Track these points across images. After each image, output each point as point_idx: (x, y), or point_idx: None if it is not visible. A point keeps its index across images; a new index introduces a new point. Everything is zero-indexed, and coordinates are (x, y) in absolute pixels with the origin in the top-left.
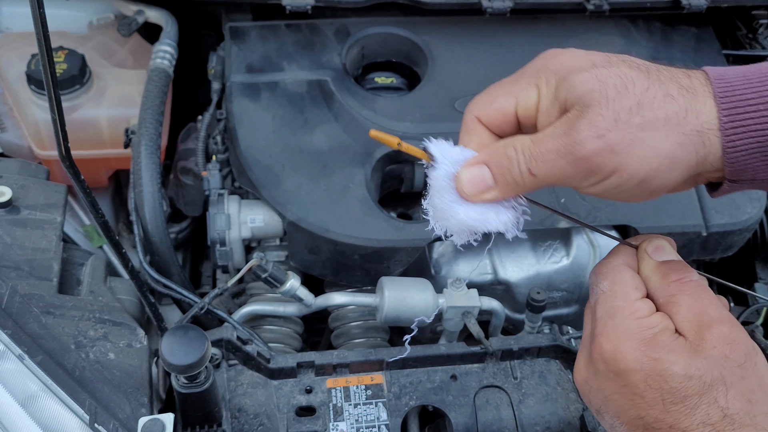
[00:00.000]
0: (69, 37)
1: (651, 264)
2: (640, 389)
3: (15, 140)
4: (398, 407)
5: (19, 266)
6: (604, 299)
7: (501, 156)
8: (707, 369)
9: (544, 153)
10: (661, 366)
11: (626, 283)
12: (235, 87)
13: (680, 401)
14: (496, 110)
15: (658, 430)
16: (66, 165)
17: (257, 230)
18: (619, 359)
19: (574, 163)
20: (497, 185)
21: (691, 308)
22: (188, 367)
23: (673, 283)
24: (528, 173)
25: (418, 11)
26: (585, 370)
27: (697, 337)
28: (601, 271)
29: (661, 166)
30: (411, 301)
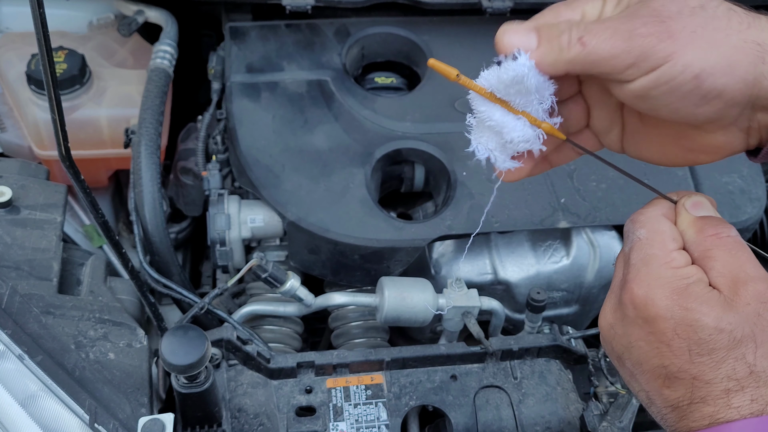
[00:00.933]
0: (69, 37)
1: (688, 218)
2: (667, 337)
3: (15, 140)
4: (398, 407)
5: (19, 266)
6: (640, 246)
7: (552, 24)
8: (738, 324)
9: (601, 26)
10: (693, 316)
11: (663, 233)
12: (235, 87)
13: (707, 353)
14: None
15: (681, 380)
16: (66, 165)
17: (257, 230)
18: (650, 305)
19: (630, 40)
20: (540, 45)
21: (726, 263)
22: (188, 367)
23: (709, 238)
24: (577, 41)
25: (418, 11)
26: (612, 315)
27: (731, 292)
28: (638, 219)
29: (718, 65)
30: (411, 301)
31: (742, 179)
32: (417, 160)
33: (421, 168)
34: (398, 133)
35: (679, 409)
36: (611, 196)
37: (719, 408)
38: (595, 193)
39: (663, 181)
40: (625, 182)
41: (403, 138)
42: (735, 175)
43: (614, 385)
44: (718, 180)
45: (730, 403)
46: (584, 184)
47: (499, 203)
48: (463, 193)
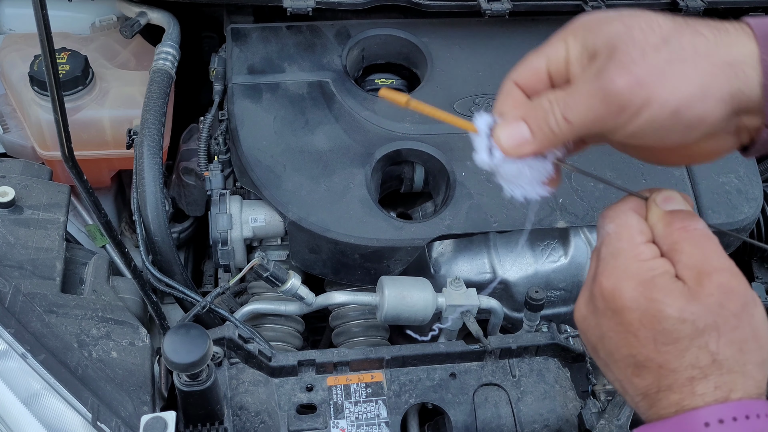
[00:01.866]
0: (72, 38)
1: (658, 212)
2: (634, 328)
3: (18, 141)
4: (398, 405)
5: (23, 265)
6: (609, 241)
7: (536, 108)
8: (701, 314)
9: (577, 98)
10: (657, 307)
11: (631, 227)
12: (237, 88)
13: (671, 343)
14: (529, 70)
15: (648, 369)
16: (69, 165)
17: (258, 230)
18: (617, 297)
19: (606, 101)
20: (535, 137)
21: (692, 255)
22: (190, 366)
23: (677, 231)
24: (563, 120)
25: (418, 13)
26: (584, 307)
27: (695, 284)
28: (608, 214)
29: (693, 96)
30: (411, 300)
31: (738, 179)
32: (417, 161)
33: (420, 168)
34: (398, 134)
35: (648, 396)
36: (608, 196)
37: (685, 395)
38: (593, 194)
39: (661, 181)
40: (622, 182)
41: (402, 139)
42: (732, 175)
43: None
44: (715, 180)
45: (695, 391)
46: (582, 184)
47: (498, 203)
48: (462, 193)
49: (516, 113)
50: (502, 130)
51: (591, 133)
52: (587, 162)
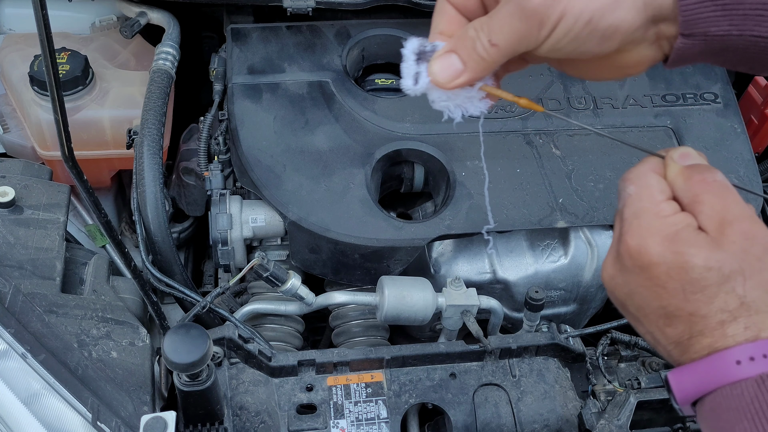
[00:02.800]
0: (72, 38)
1: (676, 168)
2: (662, 281)
3: (18, 141)
4: (398, 405)
5: (23, 265)
6: (631, 202)
7: (464, 38)
8: (726, 261)
9: (499, 21)
10: (683, 258)
11: (651, 186)
12: (237, 88)
13: (700, 290)
14: None
15: (679, 318)
16: (69, 165)
17: (258, 230)
18: (643, 254)
19: (525, 18)
20: (467, 67)
21: (713, 206)
22: (190, 366)
23: (696, 183)
24: (490, 45)
25: (418, 13)
26: (612, 267)
27: (718, 233)
28: (628, 177)
29: (605, 5)
30: (411, 300)
31: (738, 179)
32: (417, 161)
33: (420, 168)
34: (398, 134)
35: (681, 344)
36: (609, 196)
37: (716, 338)
38: (593, 194)
39: None
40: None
41: (402, 139)
42: (732, 175)
43: (612, 384)
44: None
45: (726, 333)
46: (582, 184)
47: (498, 203)
48: (462, 193)
49: (446, 46)
50: (435, 63)
51: (517, 53)
52: (587, 161)
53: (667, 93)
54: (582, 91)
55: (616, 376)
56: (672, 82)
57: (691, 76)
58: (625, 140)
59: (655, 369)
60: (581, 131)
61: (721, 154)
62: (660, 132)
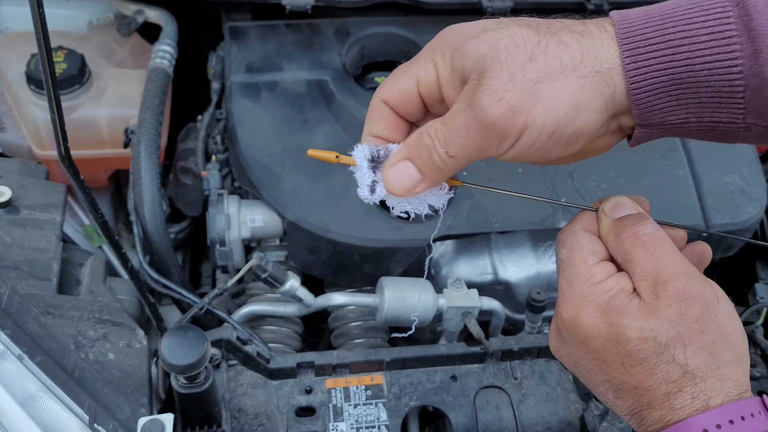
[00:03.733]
0: (68, 36)
1: (607, 223)
2: (601, 354)
3: (14, 140)
4: (398, 407)
5: (19, 266)
6: (563, 267)
7: (419, 146)
8: (662, 329)
9: (455, 132)
10: (617, 331)
11: (582, 248)
12: (235, 87)
13: (639, 363)
14: (400, 91)
15: (625, 391)
16: (65, 165)
17: (257, 230)
18: (578, 327)
19: (483, 133)
20: (424, 176)
21: (645, 265)
22: (188, 368)
23: (627, 240)
24: (447, 156)
25: (418, 11)
26: (554, 338)
27: (652, 296)
28: (560, 238)
29: (567, 114)
30: (411, 302)
31: (742, 179)
32: None
33: None
34: None
35: (634, 415)
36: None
37: (665, 412)
38: (595, 193)
39: (664, 182)
40: (625, 182)
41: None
42: (735, 175)
43: None
44: (718, 180)
45: (673, 405)
46: (584, 184)
47: (499, 203)
48: (463, 193)
49: (400, 153)
50: (390, 172)
51: (476, 160)
52: (589, 161)
53: None
54: None
55: None
56: None
57: None
58: (549, 198)
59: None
60: None
61: (724, 153)
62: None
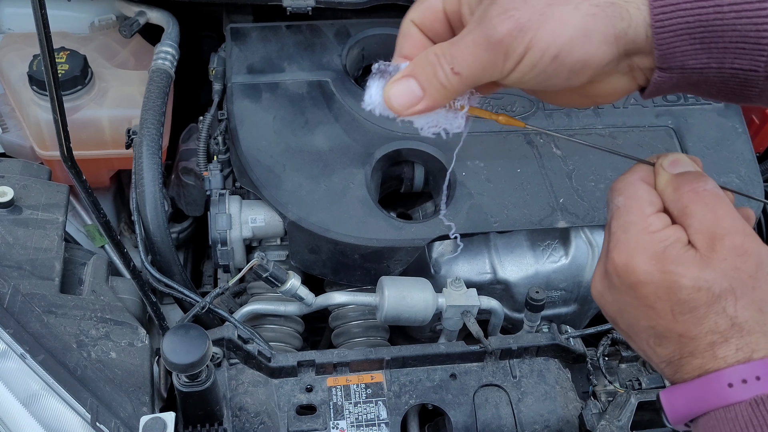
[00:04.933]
0: (71, 37)
1: (666, 177)
2: (650, 300)
3: (17, 140)
4: (398, 406)
5: (21, 266)
6: (619, 215)
7: (424, 63)
8: (716, 280)
9: (462, 49)
10: (670, 278)
11: (640, 198)
12: (236, 88)
13: (689, 312)
14: (426, 8)
15: (668, 338)
16: (68, 165)
17: (258, 230)
18: (630, 273)
19: (490, 48)
20: (426, 94)
21: (703, 220)
22: (189, 366)
23: (686, 194)
24: (452, 73)
25: None
26: (600, 283)
27: (708, 249)
28: (616, 186)
29: (574, 39)
30: (411, 301)
31: (740, 179)
32: (417, 161)
33: (420, 168)
34: (398, 134)
35: (672, 363)
36: None
37: (707, 359)
38: (594, 193)
39: None
40: None
41: (402, 138)
42: (733, 174)
43: (613, 384)
44: (716, 180)
45: (716, 354)
46: (582, 184)
47: (498, 203)
48: (462, 193)
49: (405, 71)
50: (392, 88)
51: (480, 83)
52: (588, 161)
53: None
54: None
55: (616, 376)
56: None
57: None
58: (612, 148)
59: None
60: (582, 131)
61: (722, 153)
62: (661, 132)
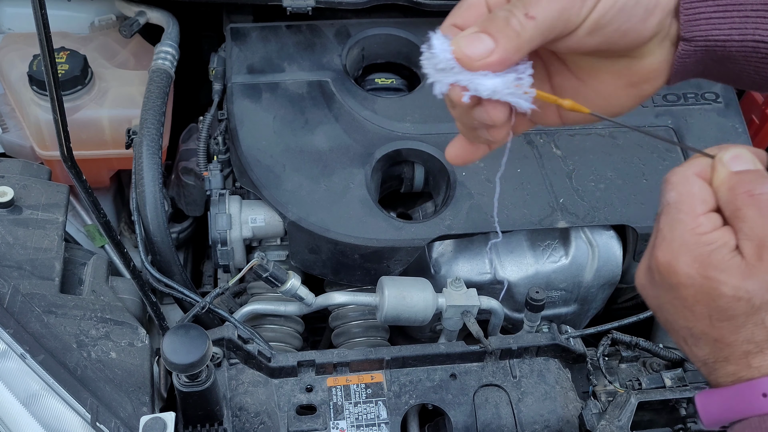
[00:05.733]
0: (71, 37)
1: (723, 173)
2: (689, 303)
3: (17, 140)
4: (398, 406)
5: (21, 266)
6: (669, 211)
7: (494, 18)
8: (757, 292)
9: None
10: (711, 285)
11: (693, 196)
12: (236, 88)
13: (727, 319)
14: None
15: (704, 341)
16: (68, 165)
17: (258, 230)
18: (672, 273)
19: None
20: (498, 44)
21: (755, 225)
22: (189, 366)
23: (740, 195)
24: (526, 18)
25: (418, 12)
26: (644, 276)
27: (755, 258)
28: (670, 180)
29: None
30: (411, 301)
31: None
32: (417, 161)
33: (420, 168)
34: (398, 134)
35: (707, 365)
36: (609, 196)
37: (741, 367)
38: (594, 193)
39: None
40: (623, 182)
41: (403, 138)
42: None
43: (613, 384)
44: None
45: (751, 364)
46: (583, 184)
47: (499, 203)
48: (462, 193)
49: (475, 27)
50: (462, 38)
51: (553, 33)
52: (588, 161)
53: (668, 92)
54: None
55: (616, 376)
56: None
57: None
58: (673, 140)
59: (655, 370)
60: (582, 131)
61: None
62: (661, 132)
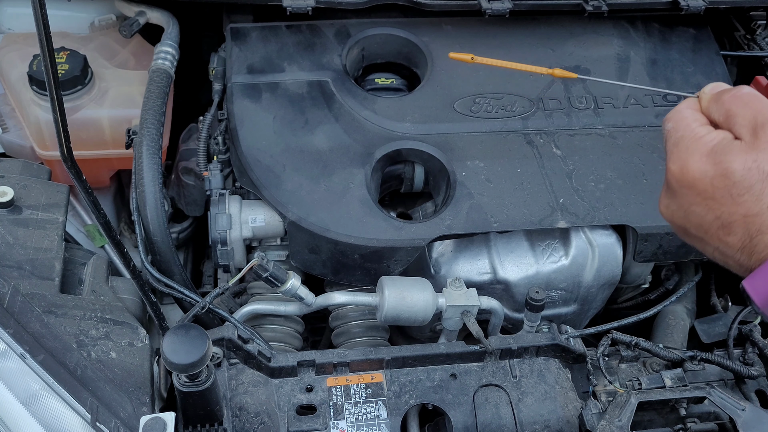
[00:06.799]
0: (71, 37)
1: (708, 96)
2: (710, 192)
3: (17, 140)
4: (398, 406)
5: (21, 266)
6: (669, 135)
7: None
8: (764, 159)
9: None
10: (722, 166)
11: (687, 117)
12: (236, 88)
13: (746, 191)
14: None
15: (735, 223)
16: (68, 165)
17: (258, 230)
18: (686, 173)
19: None
20: None
21: (745, 115)
22: (189, 366)
23: (727, 99)
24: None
25: (418, 12)
26: (665, 197)
27: (752, 137)
28: (667, 117)
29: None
30: (411, 301)
31: None
32: (417, 161)
33: (420, 168)
34: (398, 134)
35: (745, 248)
36: (609, 196)
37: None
38: (594, 194)
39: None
40: (623, 182)
41: (403, 138)
42: None
43: (613, 384)
44: None
45: None
46: (583, 184)
47: (498, 203)
48: (462, 193)
49: None
50: None
51: None
52: (588, 161)
53: (668, 92)
54: (583, 91)
55: (616, 376)
56: (673, 81)
57: (693, 75)
58: (661, 89)
59: (655, 370)
60: (582, 131)
61: None
62: (661, 131)
